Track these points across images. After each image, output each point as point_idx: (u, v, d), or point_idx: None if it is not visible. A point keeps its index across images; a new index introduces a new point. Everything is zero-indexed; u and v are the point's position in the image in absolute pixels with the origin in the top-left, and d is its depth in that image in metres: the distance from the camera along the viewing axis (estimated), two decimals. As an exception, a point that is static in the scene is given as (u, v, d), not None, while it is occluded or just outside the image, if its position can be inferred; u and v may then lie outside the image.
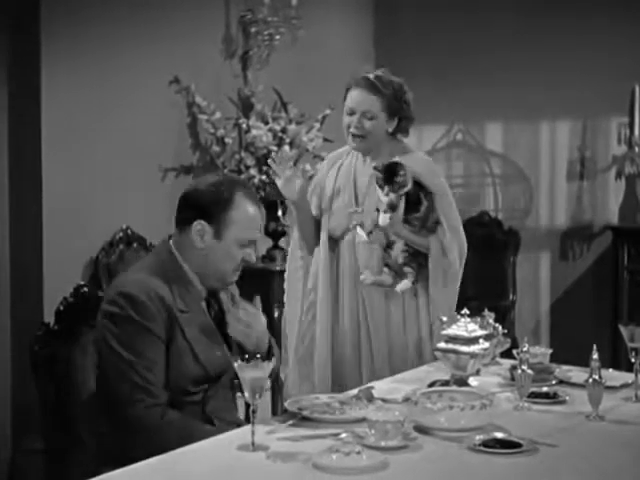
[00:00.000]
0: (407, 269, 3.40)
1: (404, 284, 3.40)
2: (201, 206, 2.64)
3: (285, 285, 3.74)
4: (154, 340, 2.53)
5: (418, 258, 3.40)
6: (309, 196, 3.58)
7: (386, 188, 3.30)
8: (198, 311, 2.66)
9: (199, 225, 2.63)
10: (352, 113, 3.52)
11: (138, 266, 2.74)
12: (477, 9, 5.97)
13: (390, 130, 3.53)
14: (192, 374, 2.59)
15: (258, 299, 2.83)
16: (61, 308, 2.72)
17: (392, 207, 3.29)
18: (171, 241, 2.71)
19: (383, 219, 3.30)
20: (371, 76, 3.52)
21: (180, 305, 2.60)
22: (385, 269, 3.40)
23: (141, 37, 4.74)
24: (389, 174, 3.31)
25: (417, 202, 3.42)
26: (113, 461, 2.36)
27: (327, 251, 3.52)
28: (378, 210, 3.34)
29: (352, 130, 3.50)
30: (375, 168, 3.35)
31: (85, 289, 2.77)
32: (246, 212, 2.65)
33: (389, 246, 3.41)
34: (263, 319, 2.74)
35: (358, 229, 3.42)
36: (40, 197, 4.32)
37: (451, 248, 3.42)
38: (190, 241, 2.65)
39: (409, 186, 3.32)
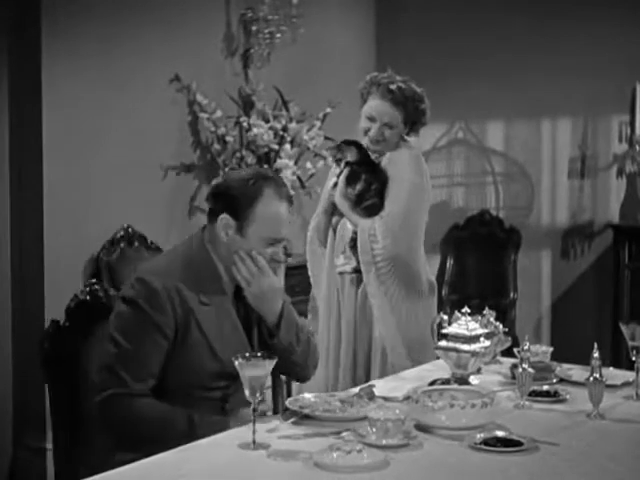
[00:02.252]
0: (349, 252, 3.53)
1: (342, 266, 3.52)
2: (228, 199, 2.60)
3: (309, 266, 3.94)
4: (154, 333, 2.51)
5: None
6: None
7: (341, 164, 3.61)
8: (222, 305, 2.62)
9: (224, 220, 2.59)
10: (373, 120, 3.59)
11: (169, 253, 2.74)
12: (478, 8, 5.96)
13: (404, 134, 3.66)
14: (209, 369, 2.56)
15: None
16: (72, 305, 2.71)
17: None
18: (204, 232, 2.68)
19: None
20: (394, 88, 3.58)
21: (203, 298, 2.57)
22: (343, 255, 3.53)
23: (142, 35, 4.74)
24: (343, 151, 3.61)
25: (356, 180, 3.54)
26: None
27: (331, 250, 3.58)
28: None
29: (371, 136, 3.59)
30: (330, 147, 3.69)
31: (96, 286, 2.77)
32: (272, 210, 2.59)
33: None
34: (271, 278, 2.64)
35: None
36: (41, 195, 4.32)
37: (381, 236, 3.45)
38: (216, 233, 2.62)
39: (349, 159, 3.57)
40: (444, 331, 2.93)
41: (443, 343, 2.91)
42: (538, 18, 5.79)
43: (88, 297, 2.75)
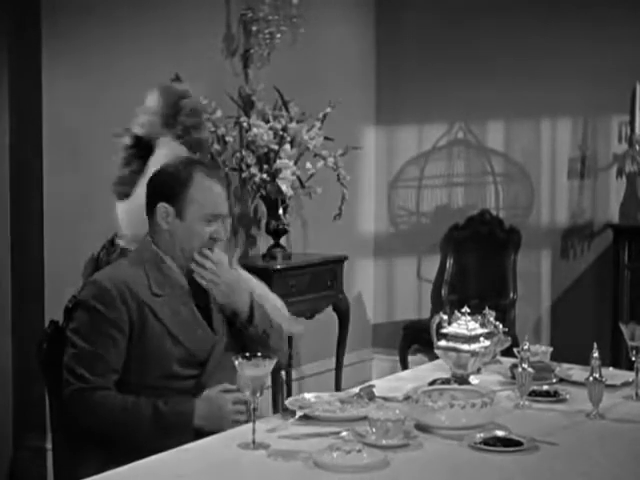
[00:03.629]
0: None
1: None
2: (162, 188, 2.70)
3: None
4: (109, 329, 2.56)
5: None
6: None
7: None
8: (175, 294, 2.67)
9: (162, 208, 2.68)
10: None
11: (122, 258, 2.86)
12: (479, 8, 5.97)
13: None
14: (174, 355, 2.60)
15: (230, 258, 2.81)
16: (70, 305, 2.72)
17: None
18: (148, 230, 2.76)
19: None
20: None
21: (155, 289, 2.64)
22: None
23: (142, 35, 4.74)
24: None
25: None
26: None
27: None
28: None
29: None
30: None
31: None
32: (206, 189, 2.68)
33: None
34: (231, 271, 2.73)
35: None
36: (41, 195, 4.31)
37: None
38: (158, 225, 2.70)
39: None
40: (444, 331, 2.93)
41: (443, 343, 2.91)
42: (538, 18, 5.79)
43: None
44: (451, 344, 2.89)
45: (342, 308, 5.43)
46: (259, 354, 2.38)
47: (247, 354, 2.34)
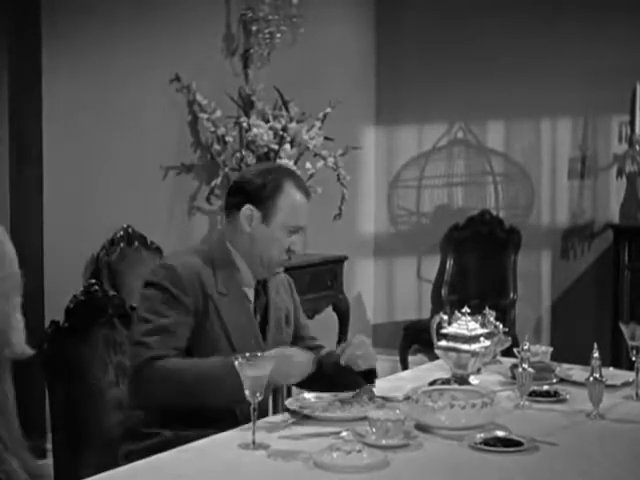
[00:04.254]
0: None
1: None
2: (250, 191, 2.65)
3: None
4: (181, 309, 2.56)
5: None
6: None
7: None
8: (239, 297, 2.67)
9: (248, 210, 2.65)
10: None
11: (189, 248, 2.83)
12: (479, 8, 5.97)
13: None
14: (223, 355, 2.57)
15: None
16: (71, 306, 2.71)
17: None
18: (220, 231, 2.77)
19: None
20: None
21: (221, 288, 2.63)
22: None
23: (142, 35, 4.74)
24: None
25: None
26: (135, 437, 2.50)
27: None
28: None
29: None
30: None
31: (96, 287, 2.78)
32: (294, 199, 2.66)
33: None
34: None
35: None
36: (41, 196, 4.32)
37: None
38: (239, 226, 2.67)
39: None
40: (444, 331, 2.93)
41: (443, 343, 2.91)
42: (538, 18, 5.79)
43: (87, 298, 2.75)
44: (451, 344, 2.88)
45: (342, 308, 5.43)
46: (258, 354, 2.37)
47: (247, 354, 2.34)
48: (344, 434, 2.33)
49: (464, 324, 2.91)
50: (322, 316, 5.32)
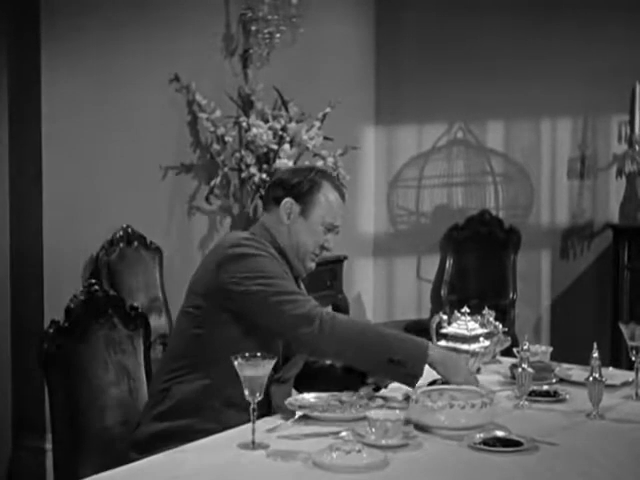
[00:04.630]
0: None
1: None
2: (290, 186, 2.76)
3: None
4: (283, 268, 2.67)
5: None
6: None
7: None
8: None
9: (288, 203, 2.74)
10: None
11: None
12: (478, 8, 5.97)
13: None
14: (260, 342, 2.60)
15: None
16: (71, 306, 2.71)
17: None
18: (261, 220, 2.82)
19: None
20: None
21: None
22: None
23: (141, 35, 4.74)
24: None
25: None
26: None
27: None
28: None
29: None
30: None
31: (95, 286, 2.77)
32: (332, 197, 2.77)
33: None
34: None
35: None
36: (40, 196, 4.31)
37: None
38: (278, 217, 2.76)
39: None
40: (443, 331, 2.93)
41: (443, 343, 2.91)
42: (538, 19, 5.79)
43: (87, 297, 2.75)
44: (451, 344, 2.88)
45: (342, 308, 5.43)
46: (258, 354, 2.37)
47: (246, 354, 2.34)
48: (344, 434, 2.33)
49: (464, 324, 2.91)
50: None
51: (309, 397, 2.66)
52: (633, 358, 2.74)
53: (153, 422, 2.60)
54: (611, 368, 3.02)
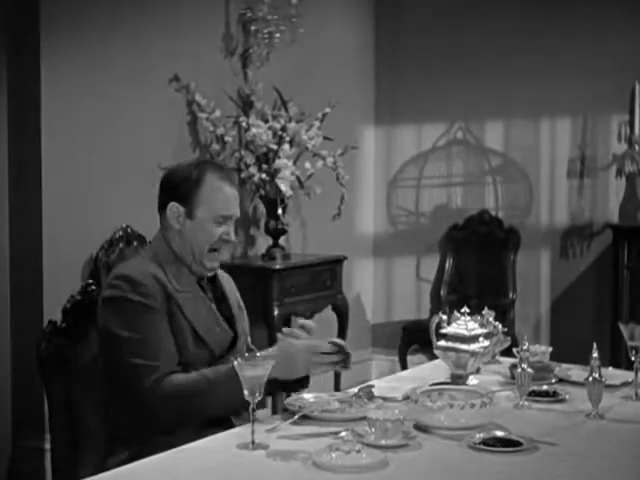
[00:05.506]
0: None
1: None
2: (173, 188, 2.71)
3: None
4: (155, 316, 2.55)
5: None
6: None
7: None
8: (194, 290, 2.69)
9: (173, 207, 2.69)
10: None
11: (134, 255, 2.85)
12: (478, 8, 5.97)
13: None
14: (195, 353, 2.59)
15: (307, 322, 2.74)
16: (68, 306, 2.71)
17: None
18: (159, 229, 2.77)
19: None
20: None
21: (176, 285, 2.64)
22: None
23: (141, 35, 4.74)
24: None
25: None
26: (125, 446, 2.48)
27: None
28: None
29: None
30: None
31: (93, 287, 2.77)
32: (216, 189, 2.68)
33: None
34: (295, 345, 2.62)
35: None
36: (40, 196, 4.31)
37: None
38: (168, 224, 2.71)
39: None
40: (443, 331, 2.93)
41: (442, 343, 2.91)
42: (537, 18, 5.79)
43: (85, 298, 2.74)
44: (450, 344, 2.88)
45: (341, 308, 5.43)
46: (258, 354, 2.37)
47: (246, 354, 2.34)
48: (343, 434, 2.33)
49: (463, 324, 2.91)
50: (321, 316, 5.32)
51: (309, 397, 2.66)
52: (633, 358, 2.74)
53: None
54: (611, 368, 3.02)
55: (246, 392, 2.30)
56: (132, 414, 2.53)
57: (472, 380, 2.89)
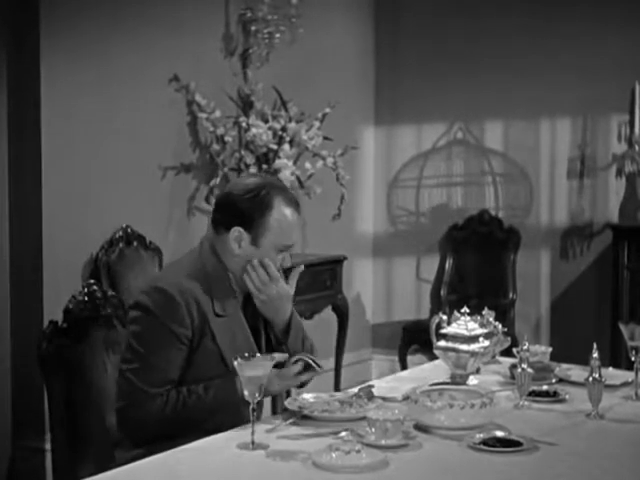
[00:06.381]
0: None
1: None
2: (239, 212, 2.60)
3: None
4: (172, 341, 2.51)
5: None
6: None
7: None
8: (235, 316, 2.62)
9: (237, 232, 2.60)
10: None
11: (178, 265, 2.71)
12: (478, 8, 5.96)
13: None
14: (213, 374, 2.55)
15: (298, 269, 2.77)
16: (70, 306, 2.71)
17: None
18: (209, 243, 2.67)
19: None
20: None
21: (218, 309, 2.58)
22: None
23: (141, 35, 4.74)
24: None
25: None
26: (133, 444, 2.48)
27: None
28: None
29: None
30: None
31: (94, 287, 2.77)
32: (284, 218, 2.62)
33: None
34: (281, 285, 2.65)
35: None
36: (40, 196, 4.31)
37: None
38: (228, 246, 2.62)
39: None
40: (443, 331, 2.93)
41: (442, 343, 2.91)
42: (537, 18, 5.79)
43: (86, 298, 2.74)
44: (450, 344, 2.88)
45: (341, 308, 5.43)
46: (258, 354, 2.37)
47: (246, 354, 2.34)
48: (343, 434, 2.33)
49: (463, 324, 2.91)
50: (321, 316, 5.32)
51: (308, 397, 2.66)
52: (633, 358, 2.74)
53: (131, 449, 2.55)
54: (611, 368, 3.02)
55: (246, 392, 2.30)
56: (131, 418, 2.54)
57: (472, 380, 2.89)
